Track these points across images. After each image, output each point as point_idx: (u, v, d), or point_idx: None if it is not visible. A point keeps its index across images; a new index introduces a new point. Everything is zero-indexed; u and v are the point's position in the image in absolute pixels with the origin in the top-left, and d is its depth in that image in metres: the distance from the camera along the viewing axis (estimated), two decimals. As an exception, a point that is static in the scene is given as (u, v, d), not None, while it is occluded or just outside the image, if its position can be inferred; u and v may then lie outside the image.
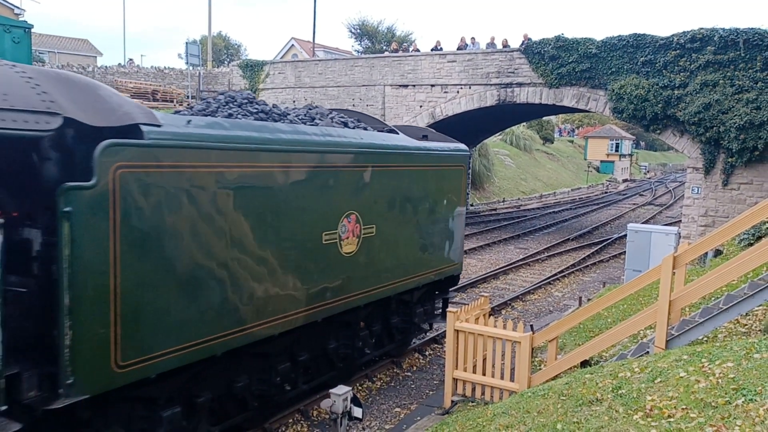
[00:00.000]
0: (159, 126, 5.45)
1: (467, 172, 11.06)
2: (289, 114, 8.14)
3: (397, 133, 9.63)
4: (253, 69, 28.72)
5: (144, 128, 5.28)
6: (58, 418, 5.02)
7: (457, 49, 24.04)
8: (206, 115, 7.27)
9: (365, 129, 9.06)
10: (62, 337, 4.74)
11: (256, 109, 7.83)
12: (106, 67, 31.86)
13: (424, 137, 10.39)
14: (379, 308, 9.24)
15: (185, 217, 5.62)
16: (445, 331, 11.36)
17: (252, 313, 6.48)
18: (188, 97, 30.03)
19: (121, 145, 5.06)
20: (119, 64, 35.13)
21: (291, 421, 7.99)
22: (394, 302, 9.61)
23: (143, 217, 5.25)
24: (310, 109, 9.05)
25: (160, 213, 5.40)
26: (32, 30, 19.02)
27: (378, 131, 9.26)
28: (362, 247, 8.15)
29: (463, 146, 11.05)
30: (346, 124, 8.77)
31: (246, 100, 8.06)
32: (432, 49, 24.50)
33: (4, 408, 4.44)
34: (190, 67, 32.22)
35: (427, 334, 11.37)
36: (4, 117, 4.45)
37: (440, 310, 10.93)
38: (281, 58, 46.65)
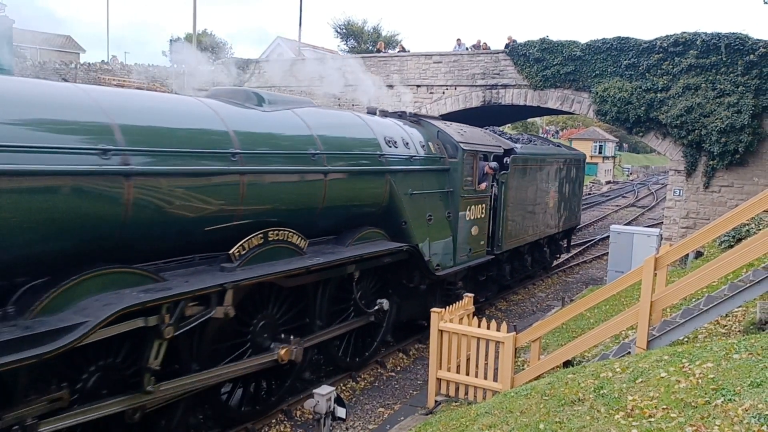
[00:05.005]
0: (517, 148, 13.56)
1: (584, 167, 19.87)
2: (520, 137, 15.92)
3: (559, 146, 18.79)
4: (238, 67, 28.52)
5: (515, 149, 13.41)
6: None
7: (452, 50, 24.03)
8: None
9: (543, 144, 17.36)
10: (498, 230, 12.80)
11: (506, 137, 15.06)
12: (89, 64, 31.42)
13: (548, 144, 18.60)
14: (548, 240, 17.02)
15: (523, 185, 13.89)
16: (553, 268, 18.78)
17: (533, 230, 14.85)
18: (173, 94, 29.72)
19: (512, 156, 13.19)
20: (102, 61, 34.73)
21: (274, 421, 7.96)
22: (553, 239, 17.59)
23: (514, 183, 13.31)
24: (521, 135, 16.26)
25: (517, 182, 13.49)
26: (13, 25, 18.69)
27: (549, 144, 17.87)
28: (555, 204, 16.41)
29: (582, 151, 21.41)
30: (538, 142, 17.16)
31: (498, 132, 15.05)
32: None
33: (488, 250, 12.74)
34: (175, 65, 31.94)
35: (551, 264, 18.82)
36: (495, 149, 12.84)
37: (565, 247, 19.40)
38: (267, 56, 46.40)
